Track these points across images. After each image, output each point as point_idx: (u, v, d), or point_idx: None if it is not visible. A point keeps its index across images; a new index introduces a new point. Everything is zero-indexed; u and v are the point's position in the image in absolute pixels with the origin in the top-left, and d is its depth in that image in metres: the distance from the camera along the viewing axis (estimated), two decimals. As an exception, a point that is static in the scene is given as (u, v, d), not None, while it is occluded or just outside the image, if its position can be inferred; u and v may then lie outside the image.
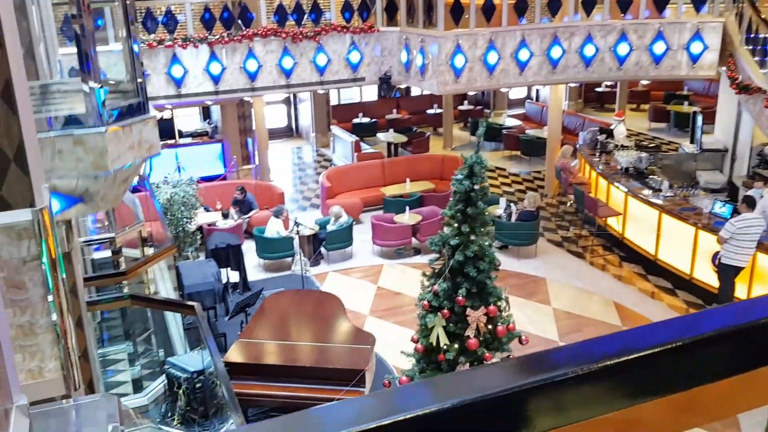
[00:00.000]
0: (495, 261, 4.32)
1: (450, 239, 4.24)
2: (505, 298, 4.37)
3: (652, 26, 12.95)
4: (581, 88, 24.04)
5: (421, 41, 13.17)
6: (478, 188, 4.19)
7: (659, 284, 11.27)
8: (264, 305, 8.22)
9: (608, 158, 13.81)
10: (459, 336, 4.13)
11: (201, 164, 16.86)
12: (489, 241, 4.39)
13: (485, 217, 4.25)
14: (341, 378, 6.91)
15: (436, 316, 4.15)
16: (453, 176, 4.38)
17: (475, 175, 4.22)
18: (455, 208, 4.24)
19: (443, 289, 4.20)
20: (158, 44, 12.67)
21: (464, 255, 4.11)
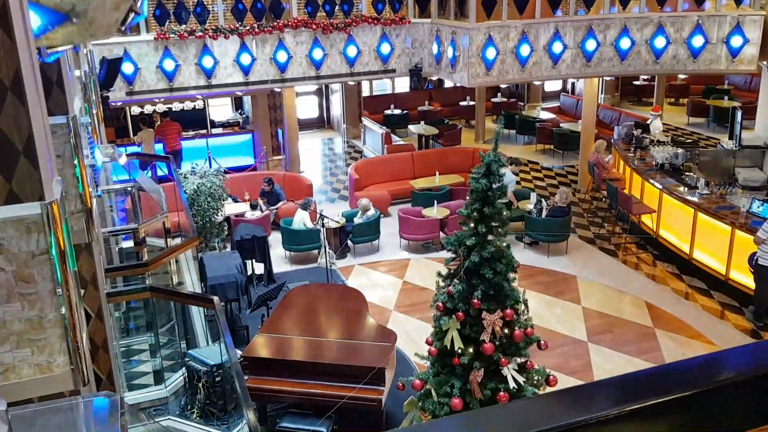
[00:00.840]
0: (513, 262, 4.17)
1: (466, 239, 4.10)
2: (523, 300, 4.22)
3: (690, 19, 12.55)
4: (618, 82, 23.53)
5: (452, 33, 12.96)
6: (495, 187, 4.04)
7: (693, 284, 10.95)
8: (286, 299, 8.17)
9: (643, 153, 13.46)
10: (474, 340, 4.00)
11: (231, 155, 16.94)
12: (507, 242, 4.23)
13: (503, 216, 4.10)
14: (361, 375, 6.82)
15: (451, 318, 4.02)
16: (470, 174, 4.24)
17: (492, 174, 4.06)
18: (472, 207, 4.10)
19: (458, 291, 4.06)
20: (189, 35, 12.68)
21: (480, 256, 3.97)
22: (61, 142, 5.45)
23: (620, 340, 9.41)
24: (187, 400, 7.75)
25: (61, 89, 5.38)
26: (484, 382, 4.01)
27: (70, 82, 5.94)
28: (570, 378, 8.56)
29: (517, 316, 4.08)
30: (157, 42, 12.58)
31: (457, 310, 4.04)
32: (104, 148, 8.86)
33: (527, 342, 4.11)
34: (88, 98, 9.03)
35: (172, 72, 12.80)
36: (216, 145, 16.93)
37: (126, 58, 12.44)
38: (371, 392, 6.61)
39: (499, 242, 4.12)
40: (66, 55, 6.07)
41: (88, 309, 5.99)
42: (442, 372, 4.10)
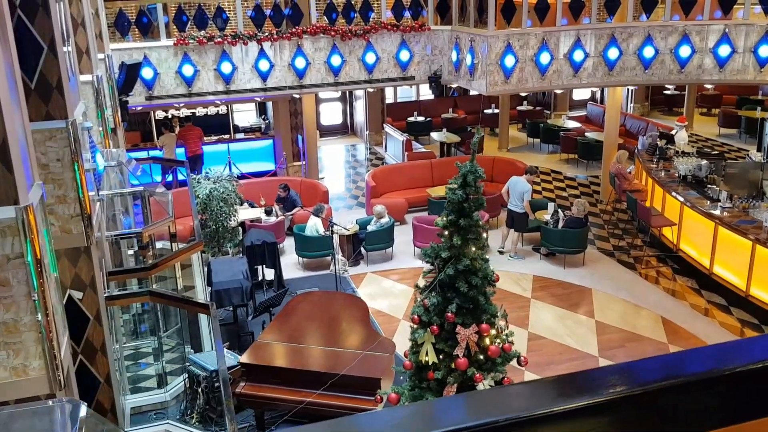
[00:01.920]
0: (490, 276, 4.04)
1: (441, 251, 3.99)
2: (503, 315, 4.09)
3: (716, 28, 12.23)
4: (648, 91, 23.11)
5: (471, 40, 12.85)
6: (472, 198, 3.92)
7: (713, 300, 10.63)
8: (288, 306, 8.13)
9: (667, 165, 13.15)
10: (450, 354, 3.89)
11: (252, 160, 17.03)
12: (484, 255, 4.11)
13: (479, 229, 3.98)
14: (357, 385, 6.74)
15: (426, 332, 3.92)
16: (447, 185, 4.14)
17: (468, 185, 3.95)
18: (447, 218, 3.99)
19: (433, 304, 3.96)
20: (208, 40, 12.78)
21: (455, 268, 3.86)
22: (60, 147, 5.49)
23: (632, 356, 9.14)
24: (187, 404, 7.75)
25: (60, 94, 5.42)
26: (458, 398, 3.90)
27: (72, 87, 5.99)
28: (577, 394, 8.36)
29: (495, 331, 3.95)
30: (177, 47, 12.70)
31: (432, 324, 3.93)
32: (113, 153, 8.95)
33: (505, 358, 3.98)
34: (100, 103, 9.15)
35: (191, 77, 12.91)
36: (237, 150, 17.03)
37: (146, 63, 12.59)
38: (367, 403, 6.52)
39: (475, 255, 4.00)
40: (69, 61, 6.12)
41: (86, 312, 6.02)
42: (419, 386, 4.00)
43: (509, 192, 12.14)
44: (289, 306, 8.12)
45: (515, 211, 12.08)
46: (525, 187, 11.92)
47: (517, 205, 12.00)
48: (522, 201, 11.91)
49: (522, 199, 11.90)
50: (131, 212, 9.70)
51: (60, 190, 5.48)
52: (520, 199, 11.94)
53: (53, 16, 5.28)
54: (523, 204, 11.92)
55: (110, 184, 9.14)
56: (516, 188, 11.99)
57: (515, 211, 12.08)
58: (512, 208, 12.12)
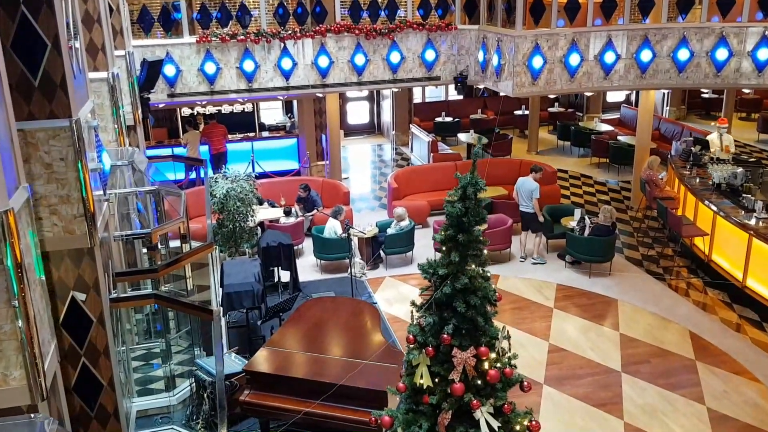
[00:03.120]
0: (490, 295, 3.76)
1: (439, 268, 3.73)
2: (505, 337, 3.81)
3: (755, 30, 11.70)
4: (685, 94, 22.44)
5: (498, 40, 12.51)
6: (471, 212, 3.65)
7: (745, 315, 10.16)
8: (297, 312, 7.92)
9: (700, 172, 12.65)
10: (445, 378, 3.63)
11: (276, 158, 16.91)
12: (485, 273, 3.84)
13: (479, 245, 3.71)
14: (364, 398, 6.51)
15: (421, 353, 3.66)
16: (446, 197, 3.88)
17: (468, 198, 3.68)
18: (446, 233, 3.72)
19: (428, 324, 3.70)
20: (231, 38, 12.65)
21: (453, 287, 3.59)
22: (64, 146, 5.36)
23: (657, 372, 8.76)
24: (193, 410, 7.60)
25: (64, 92, 5.28)
26: (453, 425, 3.63)
27: (79, 85, 5.85)
28: (597, 410, 8.02)
29: (495, 354, 3.68)
30: (199, 45, 12.59)
31: (427, 345, 3.68)
32: (126, 151, 8.84)
33: (506, 383, 3.71)
34: (116, 100, 9.05)
35: (214, 75, 12.79)
36: (261, 148, 16.93)
37: (168, 60, 12.51)
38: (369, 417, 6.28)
39: (474, 273, 3.73)
40: (77, 58, 5.98)
41: (89, 314, 5.88)
42: (413, 410, 3.75)
43: (518, 193, 12.00)
44: (298, 312, 7.92)
45: (526, 212, 11.95)
46: (532, 186, 11.75)
47: (527, 206, 11.87)
48: (531, 200, 11.77)
49: (531, 198, 11.77)
50: (149, 211, 9.59)
51: (63, 190, 5.35)
52: (529, 199, 11.82)
53: (57, 13, 5.14)
54: (532, 203, 11.77)
55: (125, 183, 9.06)
56: (524, 188, 11.87)
57: (526, 212, 11.95)
58: (523, 209, 12.00)
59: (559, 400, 8.25)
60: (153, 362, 9.01)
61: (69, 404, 5.99)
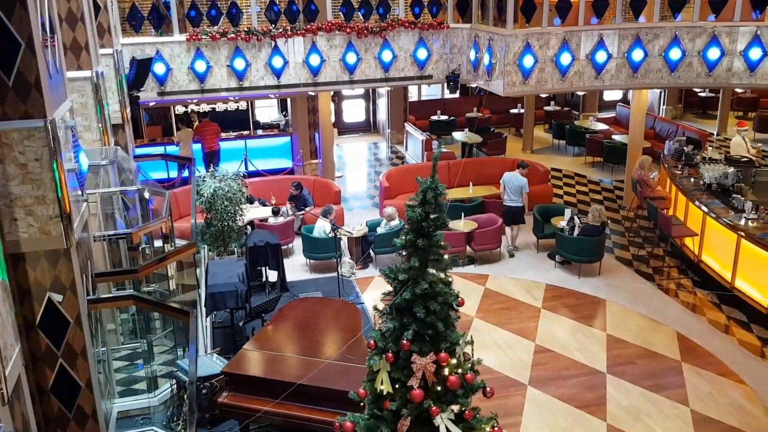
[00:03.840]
0: (452, 300, 3.73)
1: (399, 273, 3.70)
2: (468, 342, 3.78)
3: (747, 29, 11.63)
4: (681, 92, 22.35)
5: (489, 39, 12.46)
6: (432, 218, 3.62)
7: (733, 316, 10.11)
8: (279, 313, 7.89)
9: (693, 172, 12.60)
10: (405, 384, 3.60)
11: (270, 157, 16.87)
12: (447, 278, 3.81)
13: (439, 250, 3.68)
14: (344, 400, 6.46)
15: (381, 359, 3.63)
16: (406, 202, 3.84)
17: (428, 203, 3.65)
18: (406, 237, 3.69)
19: (389, 329, 3.67)
20: (221, 36, 12.61)
21: (413, 292, 3.56)
22: (39, 146, 5.33)
23: (642, 374, 8.73)
24: (173, 411, 7.58)
25: (39, 92, 5.26)
26: (414, 431, 3.60)
27: (55, 85, 5.82)
28: (581, 412, 8.00)
29: (456, 360, 3.65)
30: (189, 43, 12.56)
31: (387, 350, 3.65)
32: (109, 151, 8.82)
33: (469, 389, 3.68)
34: (100, 98, 9.03)
35: (204, 73, 12.76)
36: (254, 147, 16.89)
37: (158, 59, 12.48)
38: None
39: (434, 278, 3.69)
40: (54, 57, 5.95)
41: (66, 315, 5.87)
42: (376, 416, 3.72)
43: (505, 188, 12.27)
44: (281, 313, 7.89)
45: (514, 206, 12.19)
46: (522, 181, 12.08)
47: (515, 200, 12.16)
48: (521, 195, 12.10)
49: (521, 193, 12.10)
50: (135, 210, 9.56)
51: (39, 190, 5.33)
52: (518, 194, 12.12)
53: (31, 13, 5.11)
54: (522, 198, 12.11)
55: (109, 183, 9.03)
56: (512, 183, 12.16)
57: (514, 206, 12.19)
58: (510, 203, 12.24)
59: (543, 401, 8.22)
60: (137, 363, 8.99)
61: (46, 406, 5.97)
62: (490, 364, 8.93)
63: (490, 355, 9.16)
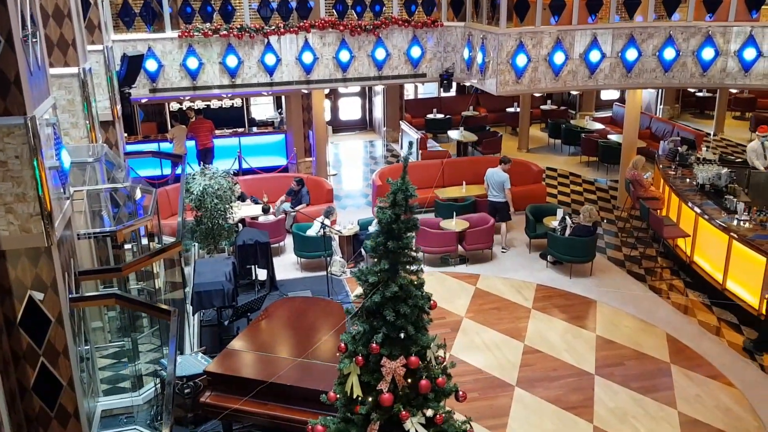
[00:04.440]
0: (422, 303, 3.68)
1: (369, 275, 3.65)
2: (440, 346, 3.73)
3: (741, 29, 11.57)
4: (678, 92, 22.28)
5: (482, 38, 12.40)
6: (402, 220, 3.57)
7: (724, 318, 10.07)
8: (265, 312, 7.85)
9: (686, 172, 12.54)
10: (375, 388, 3.55)
11: (264, 154, 16.81)
12: (418, 281, 3.76)
13: (410, 253, 3.63)
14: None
15: (351, 362, 3.58)
16: (377, 204, 3.79)
17: (398, 205, 3.60)
18: (377, 239, 3.64)
19: (359, 332, 3.62)
20: (213, 33, 12.55)
21: (382, 295, 3.51)
22: (19, 143, 5.29)
23: (631, 375, 8.69)
24: (157, 410, 7.53)
25: (19, 89, 5.21)
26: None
27: (36, 82, 5.77)
28: (567, 413, 7.96)
29: (425, 363, 3.60)
30: (181, 40, 12.51)
31: (357, 354, 3.60)
32: (95, 148, 8.76)
33: (440, 393, 3.63)
34: (87, 95, 8.97)
35: (196, 70, 12.71)
36: (249, 144, 16.84)
37: (150, 55, 12.43)
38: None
39: (404, 281, 3.65)
40: (36, 54, 5.89)
41: (48, 314, 5.83)
42: (347, 419, 3.67)
43: (488, 184, 12.40)
44: (266, 312, 7.85)
45: (497, 201, 12.30)
46: (503, 177, 12.16)
47: (498, 195, 12.27)
48: (503, 191, 12.18)
49: (503, 189, 12.16)
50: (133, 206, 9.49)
51: (19, 188, 5.30)
52: (499, 189, 12.22)
53: (11, 8, 5.06)
54: (504, 194, 12.18)
55: (96, 180, 8.98)
56: (494, 179, 12.26)
57: (497, 201, 12.30)
58: (493, 199, 12.36)
59: (530, 402, 8.18)
60: (124, 361, 8.94)
61: (28, 404, 5.94)
62: (479, 365, 8.90)
63: (479, 356, 9.13)
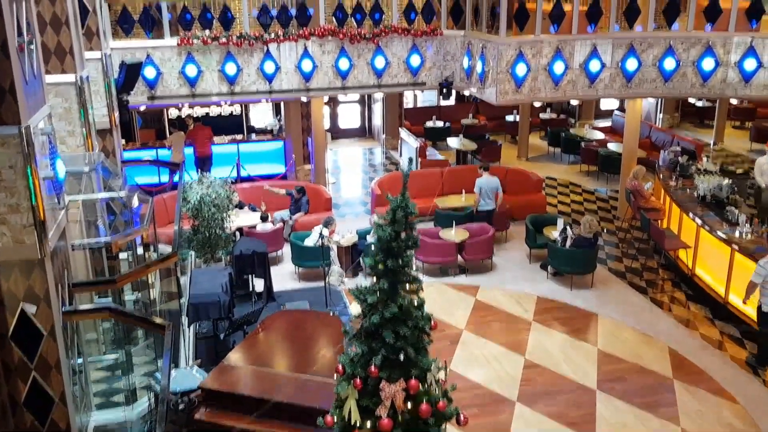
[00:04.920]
0: (423, 324, 3.58)
1: (368, 295, 3.55)
2: (441, 368, 3.63)
3: (741, 40, 11.51)
4: (678, 101, 22.21)
5: (482, 47, 12.33)
6: (403, 237, 3.47)
7: (726, 331, 9.96)
8: (261, 326, 7.74)
9: (687, 183, 12.46)
10: (374, 412, 3.45)
11: (263, 162, 16.71)
12: (420, 300, 3.65)
13: (410, 272, 3.52)
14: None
15: (349, 385, 3.48)
16: (376, 220, 3.69)
17: (397, 222, 3.50)
18: (376, 258, 3.54)
19: (357, 354, 3.52)
20: (212, 41, 12.47)
21: (381, 316, 3.41)
22: (13, 153, 5.20)
23: (632, 390, 8.57)
24: (151, 425, 7.41)
25: (14, 98, 5.12)
26: (383, 462, 3.46)
27: (31, 91, 5.67)
28: (568, 430, 7.84)
29: (425, 387, 3.50)
30: (180, 47, 12.42)
31: (355, 376, 3.50)
32: (91, 156, 8.66)
33: (441, 417, 3.53)
34: (84, 103, 8.87)
35: (195, 78, 12.62)
36: (247, 151, 16.73)
37: (148, 62, 12.35)
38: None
39: (404, 301, 3.54)
40: (32, 62, 5.80)
41: (40, 327, 5.72)
42: (344, 445, 3.58)
43: (483, 192, 12.53)
44: (262, 325, 7.73)
45: (489, 209, 12.54)
46: (497, 182, 12.48)
47: (488, 203, 12.50)
48: (493, 198, 12.48)
49: (493, 195, 12.47)
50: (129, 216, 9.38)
51: (12, 198, 5.20)
52: (492, 196, 12.44)
53: (6, 17, 4.98)
54: (494, 200, 12.50)
55: (92, 188, 8.87)
56: (490, 186, 12.46)
57: (489, 209, 12.54)
58: (486, 208, 12.54)
59: (530, 418, 8.07)
60: (117, 374, 8.81)
61: (19, 419, 5.83)
62: (478, 380, 8.79)
63: (479, 370, 9.01)
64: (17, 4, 5.35)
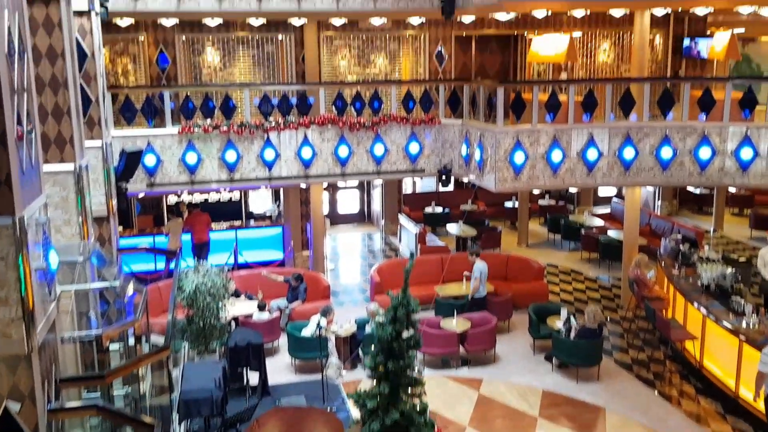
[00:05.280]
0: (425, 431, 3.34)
1: (367, 399, 3.33)
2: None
3: (736, 130, 11.63)
4: (676, 189, 22.33)
5: (480, 135, 12.45)
6: (405, 337, 3.28)
7: (738, 427, 9.57)
8: (257, 423, 7.39)
9: (690, 271, 12.30)
10: None
11: (261, 248, 16.59)
12: (423, 404, 3.42)
13: (412, 374, 3.31)
14: None
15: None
16: (374, 319, 3.51)
17: (398, 321, 3.32)
18: (376, 359, 3.34)
19: (357, 468, 3.27)
20: (213, 129, 12.60)
21: (382, 423, 3.18)
22: (6, 245, 5.06)
23: (645, 493, 8.13)
24: None
25: (9, 189, 5.03)
26: None
27: (28, 181, 5.60)
28: None
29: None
30: (181, 135, 12.53)
31: (356, 491, 3.24)
32: (86, 246, 8.53)
33: None
34: (81, 190, 8.81)
35: (195, 165, 12.68)
36: (246, 238, 16.64)
37: (149, 150, 12.42)
38: None
39: (405, 407, 3.31)
40: (31, 152, 5.75)
41: (23, 426, 5.42)
42: None
43: (483, 278, 12.49)
44: (257, 423, 7.38)
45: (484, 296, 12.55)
46: (485, 267, 12.45)
47: (484, 290, 12.52)
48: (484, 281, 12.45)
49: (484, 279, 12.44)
50: (125, 304, 9.17)
51: (2, 291, 5.03)
52: (484, 282, 12.44)
53: (6, 108, 4.96)
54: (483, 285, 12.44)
55: (85, 279, 8.69)
56: (486, 271, 12.48)
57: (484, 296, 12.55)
58: (483, 294, 12.51)
59: None
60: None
61: None
62: (482, 480, 8.36)
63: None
64: (18, 96, 5.35)
